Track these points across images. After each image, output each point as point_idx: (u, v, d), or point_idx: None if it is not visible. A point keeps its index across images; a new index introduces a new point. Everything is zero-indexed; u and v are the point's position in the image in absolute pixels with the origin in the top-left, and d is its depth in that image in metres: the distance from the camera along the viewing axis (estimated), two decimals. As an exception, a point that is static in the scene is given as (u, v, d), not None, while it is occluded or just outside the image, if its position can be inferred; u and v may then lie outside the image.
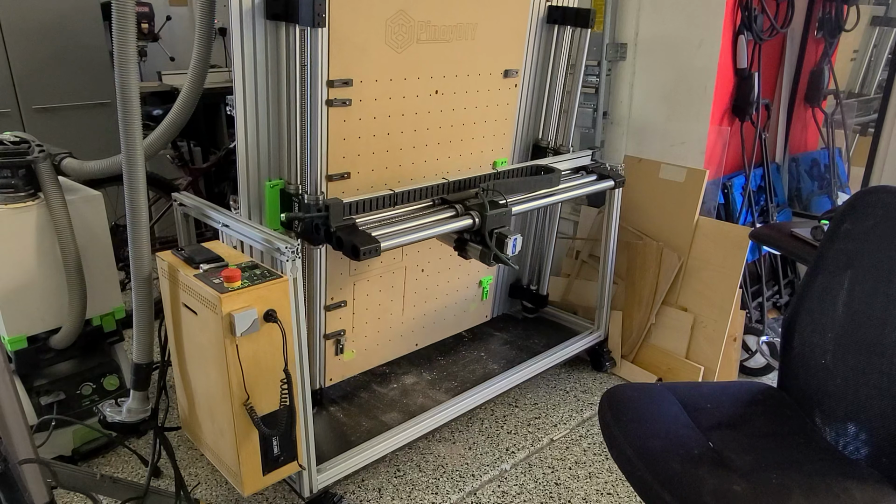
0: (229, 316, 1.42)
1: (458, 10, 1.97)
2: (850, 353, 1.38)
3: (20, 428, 1.27)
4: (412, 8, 1.86)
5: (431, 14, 1.92)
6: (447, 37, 1.99)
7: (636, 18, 2.60)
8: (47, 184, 1.83)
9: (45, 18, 3.13)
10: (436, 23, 1.94)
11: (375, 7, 1.79)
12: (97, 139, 3.37)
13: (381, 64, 1.89)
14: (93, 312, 2.02)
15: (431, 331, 2.56)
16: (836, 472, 1.28)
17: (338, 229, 1.66)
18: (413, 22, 1.89)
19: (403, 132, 2.04)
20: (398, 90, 1.96)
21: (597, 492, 2.01)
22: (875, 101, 2.85)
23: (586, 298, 2.81)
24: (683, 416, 1.44)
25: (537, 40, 2.33)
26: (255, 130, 1.75)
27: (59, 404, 2.01)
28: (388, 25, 1.84)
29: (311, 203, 1.72)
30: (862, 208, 1.42)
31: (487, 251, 1.82)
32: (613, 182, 2.36)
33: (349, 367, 2.34)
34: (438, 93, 2.06)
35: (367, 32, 1.81)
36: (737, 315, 2.42)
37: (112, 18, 1.43)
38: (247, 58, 1.65)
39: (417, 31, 1.91)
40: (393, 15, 1.83)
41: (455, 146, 2.20)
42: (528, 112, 2.45)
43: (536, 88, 2.43)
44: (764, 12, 2.49)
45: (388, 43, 1.86)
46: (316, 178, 1.72)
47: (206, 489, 2.01)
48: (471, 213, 1.83)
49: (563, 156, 2.41)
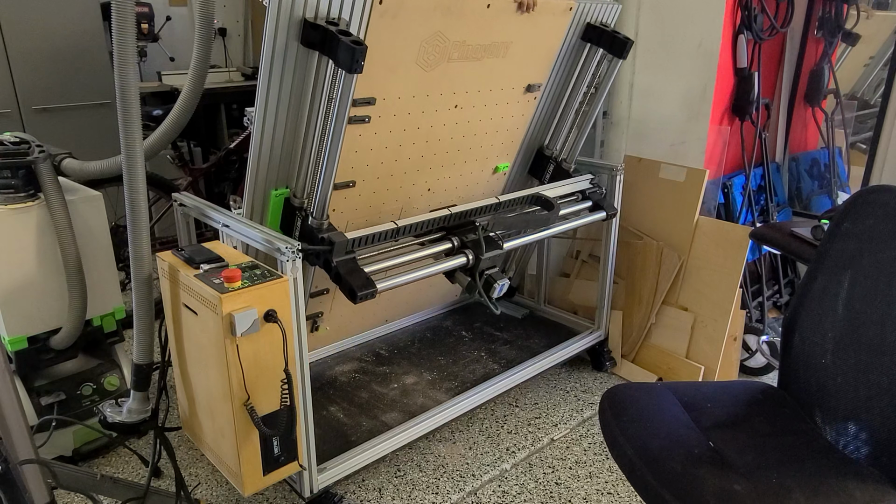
0: (230, 316, 1.42)
1: (495, 29, 1.91)
2: (851, 352, 1.38)
3: (20, 428, 1.27)
4: (450, 29, 1.80)
5: (468, 34, 1.86)
6: (479, 55, 1.93)
7: (636, 18, 2.60)
8: (47, 184, 1.83)
9: (45, 19, 3.13)
10: (470, 42, 1.88)
11: (413, 30, 1.73)
12: (97, 139, 3.37)
13: (408, 82, 1.84)
14: (93, 313, 2.02)
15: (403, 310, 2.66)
16: (837, 472, 1.28)
17: (339, 264, 1.69)
18: (448, 42, 1.82)
19: (415, 143, 2.01)
20: (419, 106, 1.92)
21: (597, 491, 2.01)
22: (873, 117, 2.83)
23: (586, 298, 2.81)
24: (684, 415, 1.44)
25: (566, 55, 2.26)
26: (269, 143, 1.71)
27: (60, 405, 2.01)
28: (423, 46, 1.78)
29: (315, 226, 1.72)
30: (862, 208, 1.42)
31: (474, 285, 1.88)
32: (606, 214, 2.38)
33: (320, 341, 2.45)
34: (458, 107, 2.02)
35: (401, 54, 1.75)
36: (737, 314, 2.42)
37: (112, 19, 1.43)
38: (274, 76, 1.59)
39: (450, 51, 1.85)
40: (429, 36, 1.77)
41: (462, 153, 2.19)
42: (539, 120, 2.40)
43: (553, 98, 2.37)
44: (764, 12, 2.49)
45: (419, 62, 1.80)
46: (324, 202, 1.72)
47: (206, 489, 2.01)
48: (466, 251, 1.88)
49: (563, 182, 2.36)
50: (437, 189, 2.19)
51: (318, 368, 2.44)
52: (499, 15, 1.87)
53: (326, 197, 1.72)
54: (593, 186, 2.40)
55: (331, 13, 1.56)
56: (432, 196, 2.20)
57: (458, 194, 2.30)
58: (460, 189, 2.29)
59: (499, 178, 2.41)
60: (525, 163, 2.50)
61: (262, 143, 1.69)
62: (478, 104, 2.08)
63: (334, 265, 1.68)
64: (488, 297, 1.86)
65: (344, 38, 1.47)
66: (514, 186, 2.53)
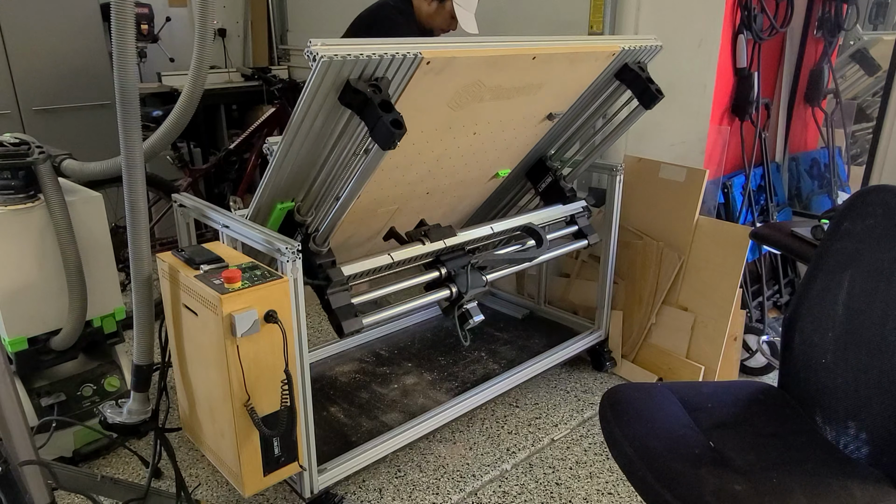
0: (230, 317, 1.42)
1: (533, 73, 1.84)
2: (851, 352, 1.38)
3: (21, 429, 1.27)
4: (490, 77, 1.73)
5: (505, 79, 1.79)
6: (511, 95, 1.88)
7: (636, 17, 2.60)
8: (47, 185, 1.83)
9: (45, 19, 3.13)
10: (506, 86, 1.82)
11: (453, 81, 1.65)
12: (97, 140, 3.37)
13: (434, 119, 1.79)
14: (93, 313, 2.02)
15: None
16: (837, 472, 1.28)
17: (331, 297, 1.71)
18: (484, 87, 1.76)
19: (426, 162, 1.98)
20: (438, 136, 1.88)
21: (597, 492, 2.01)
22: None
23: (586, 298, 2.81)
24: (684, 415, 1.44)
25: (594, 88, 2.18)
26: (287, 171, 1.67)
27: (60, 405, 2.01)
28: (458, 92, 1.71)
29: (314, 250, 1.72)
30: (862, 207, 1.42)
31: (450, 309, 1.95)
32: (588, 242, 2.41)
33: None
34: (476, 134, 1.99)
35: (434, 99, 1.70)
36: (737, 314, 2.42)
37: (111, 19, 1.43)
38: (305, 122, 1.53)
39: (484, 94, 1.79)
40: (467, 84, 1.70)
41: (469, 166, 2.16)
42: (549, 136, 2.35)
43: (568, 121, 2.31)
44: (763, 12, 2.49)
45: (450, 104, 1.75)
46: (329, 232, 1.72)
47: (206, 490, 2.01)
48: (451, 285, 1.93)
49: (556, 208, 2.36)
50: (436, 192, 2.19)
51: (318, 369, 2.44)
52: (543, 64, 1.82)
53: (333, 228, 1.71)
54: (583, 212, 2.41)
55: (375, 74, 1.48)
56: (429, 198, 2.20)
57: (455, 194, 2.30)
58: (458, 190, 2.29)
59: (497, 180, 2.41)
60: (525, 166, 2.50)
61: (280, 170, 1.66)
62: (496, 130, 2.05)
63: (326, 297, 1.70)
64: (461, 328, 1.93)
65: (384, 116, 1.38)
66: (508, 185, 2.52)
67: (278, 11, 4.62)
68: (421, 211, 2.23)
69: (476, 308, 1.92)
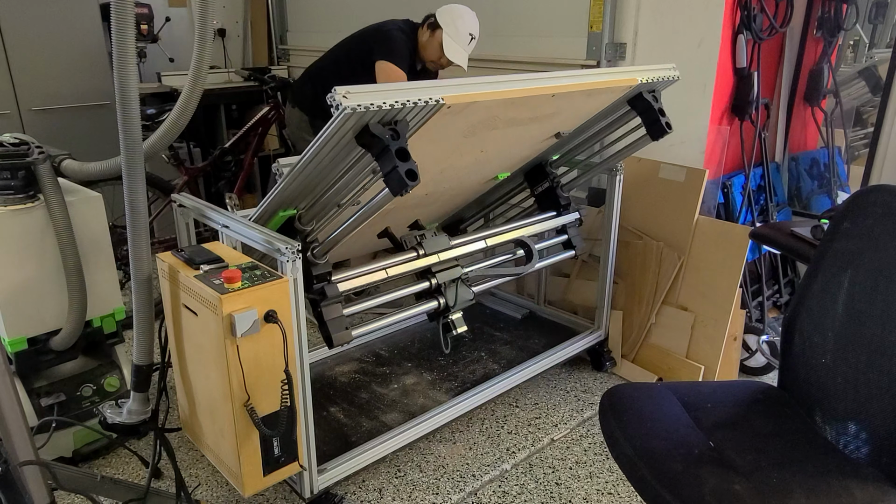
0: (230, 317, 1.42)
1: (549, 106, 1.83)
2: (851, 351, 1.38)
3: (20, 429, 1.27)
4: (505, 112, 1.73)
5: (521, 112, 1.78)
6: (524, 123, 1.87)
7: (635, 17, 2.60)
8: (47, 185, 1.83)
9: (45, 19, 3.13)
10: (521, 117, 1.82)
11: (470, 118, 1.66)
12: (97, 140, 3.36)
13: (446, 146, 1.79)
14: (93, 314, 2.01)
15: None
16: (837, 471, 1.28)
17: (324, 309, 1.72)
18: (499, 119, 1.76)
19: (432, 177, 1.98)
20: (447, 156, 1.87)
21: (597, 492, 2.01)
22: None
23: (586, 298, 2.81)
24: (684, 415, 1.44)
25: (604, 111, 2.16)
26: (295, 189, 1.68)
27: (60, 406, 2.01)
28: (473, 125, 1.72)
29: (311, 261, 1.72)
30: (862, 207, 1.42)
31: (436, 317, 1.97)
32: (575, 255, 2.44)
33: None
34: (483, 151, 1.98)
35: (449, 133, 1.69)
36: (737, 314, 2.42)
37: (111, 19, 1.43)
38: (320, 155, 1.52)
39: (497, 124, 1.78)
40: (484, 119, 1.70)
41: (471, 176, 2.16)
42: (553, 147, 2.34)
43: (572, 136, 2.28)
44: (763, 11, 2.49)
45: (464, 134, 1.75)
46: (331, 247, 1.72)
47: (206, 490, 2.01)
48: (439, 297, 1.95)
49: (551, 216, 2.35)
50: (434, 194, 2.19)
51: (318, 369, 2.44)
52: (560, 99, 1.81)
53: (335, 244, 1.71)
54: (575, 222, 2.41)
55: (396, 118, 1.46)
56: (427, 198, 2.20)
57: (452, 195, 2.30)
58: (456, 192, 2.29)
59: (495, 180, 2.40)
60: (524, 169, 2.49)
61: (286, 190, 1.67)
62: (503, 148, 2.05)
63: (319, 309, 1.72)
64: (444, 337, 1.97)
65: (400, 166, 1.38)
66: (505, 182, 2.52)
67: (278, 11, 4.62)
68: (416, 209, 2.24)
69: (461, 319, 1.97)
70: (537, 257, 2.17)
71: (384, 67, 2.54)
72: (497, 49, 3.10)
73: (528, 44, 2.97)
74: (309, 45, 4.40)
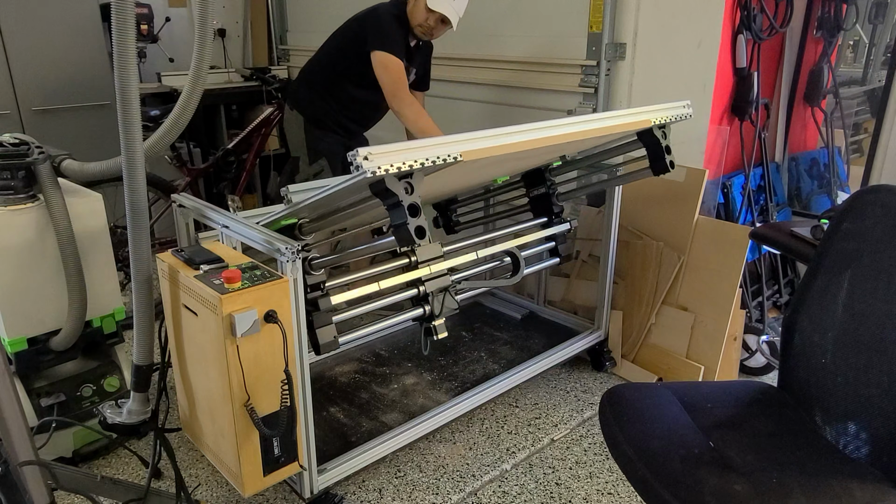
0: (230, 317, 1.42)
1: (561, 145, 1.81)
2: (851, 351, 1.38)
3: (20, 430, 1.27)
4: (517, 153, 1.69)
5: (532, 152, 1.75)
6: (531, 157, 1.85)
7: (635, 18, 2.60)
8: (47, 185, 1.83)
9: (45, 19, 3.13)
10: (531, 153, 1.78)
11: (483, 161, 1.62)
12: (97, 140, 3.36)
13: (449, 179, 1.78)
14: (93, 314, 2.01)
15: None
16: (837, 472, 1.28)
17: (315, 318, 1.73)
18: (508, 157, 1.71)
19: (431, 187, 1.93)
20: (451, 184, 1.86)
21: (597, 492, 2.01)
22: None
23: (586, 298, 2.81)
24: (684, 415, 1.44)
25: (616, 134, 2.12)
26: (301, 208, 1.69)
27: (60, 406, 2.01)
28: (484, 165, 1.70)
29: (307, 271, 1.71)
30: (861, 207, 1.42)
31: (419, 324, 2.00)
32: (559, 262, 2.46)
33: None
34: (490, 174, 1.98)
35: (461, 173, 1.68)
36: (737, 314, 2.42)
37: (111, 20, 1.43)
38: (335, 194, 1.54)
39: (508, 160, 1.76)
40: (495, 160, 1.67)
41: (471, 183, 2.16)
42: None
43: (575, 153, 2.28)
44: (763, 11, 2.49)
45: (474, 170, 1.74)
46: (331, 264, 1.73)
47: (206, 490, 2.01)
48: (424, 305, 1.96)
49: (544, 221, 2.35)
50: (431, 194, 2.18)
51: (318, 369, 2.44)
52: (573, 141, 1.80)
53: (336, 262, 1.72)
54: (565, 233, 2.40)
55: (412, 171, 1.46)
56: (425, 199, 2.20)
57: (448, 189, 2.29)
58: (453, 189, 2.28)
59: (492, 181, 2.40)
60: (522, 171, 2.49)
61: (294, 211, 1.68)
62: (507, 168, 2.03)
63: (310, 318, 1.72)
64: (424, 340, 1.99)
65: (410, 222, 1.44)
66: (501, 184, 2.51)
67: (278, 11, 4.62)
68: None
69: (442, 325, 1.98)
70: (524, 270, 2.18)
71: (381, 59, 2.50)
72: (497, 49, 3.10)
73: (528, 44, 2.97)
74: (309, 45, 4.39)
